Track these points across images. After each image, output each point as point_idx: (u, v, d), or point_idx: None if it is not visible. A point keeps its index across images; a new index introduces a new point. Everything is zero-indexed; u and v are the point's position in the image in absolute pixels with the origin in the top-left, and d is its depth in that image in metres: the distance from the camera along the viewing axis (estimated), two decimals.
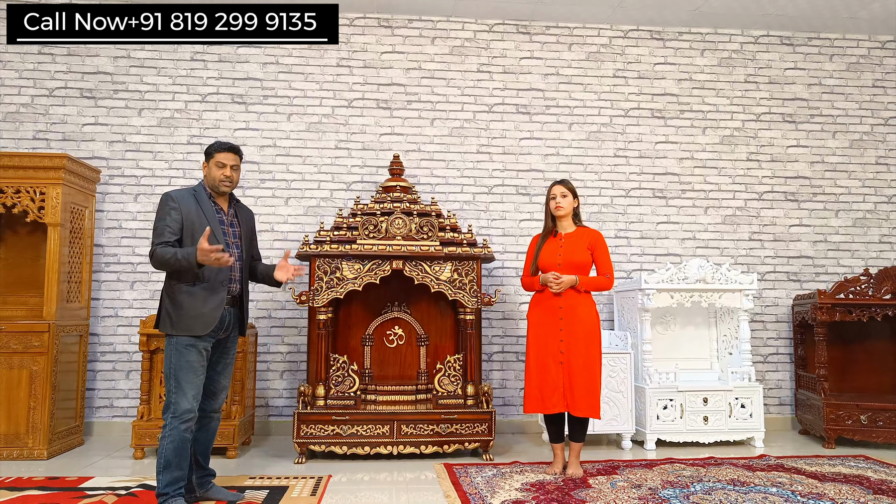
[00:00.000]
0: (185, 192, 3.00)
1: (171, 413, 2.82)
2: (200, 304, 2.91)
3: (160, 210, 2.94)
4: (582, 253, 3.63)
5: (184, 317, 2.89)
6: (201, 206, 2.98)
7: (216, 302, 2.95)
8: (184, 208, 2.94)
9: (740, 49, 5.32)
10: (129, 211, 4.79)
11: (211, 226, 2.95)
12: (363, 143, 4.99)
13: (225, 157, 3.04)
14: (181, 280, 2.92)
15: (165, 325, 2.92)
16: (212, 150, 3.06)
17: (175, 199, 2.94)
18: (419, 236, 4.09)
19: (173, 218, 2.92)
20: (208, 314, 2.92)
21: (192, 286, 2.92)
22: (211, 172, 3.04)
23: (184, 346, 2.88)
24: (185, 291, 2.91)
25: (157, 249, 2.87)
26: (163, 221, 2.91)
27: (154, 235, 2.93)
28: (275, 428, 4.72)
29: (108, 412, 4.65)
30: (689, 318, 4.86)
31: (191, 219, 2.93)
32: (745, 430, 4.39)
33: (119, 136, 4.84)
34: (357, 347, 4.44)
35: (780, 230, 5.21)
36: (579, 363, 3.52)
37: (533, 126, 5.12)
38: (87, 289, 4.46)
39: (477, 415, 4.01)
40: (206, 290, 2.93)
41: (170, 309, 2.92)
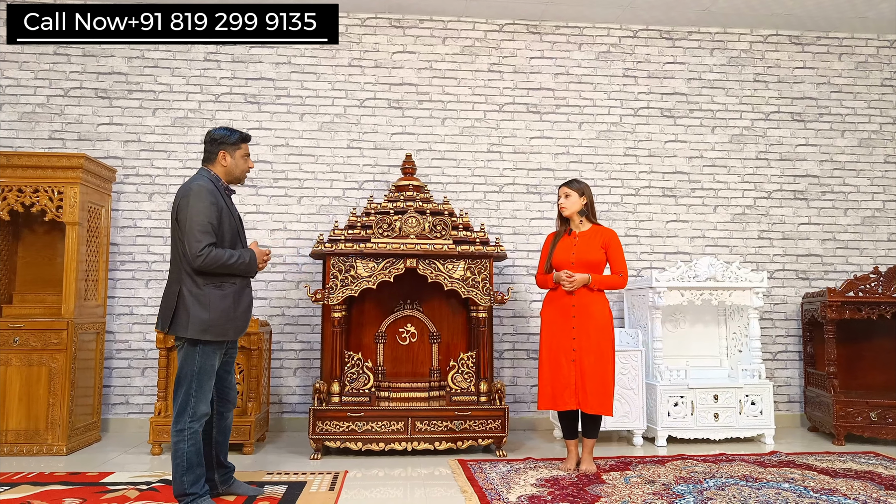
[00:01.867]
0: (211, 185, 2.86)
1: (190, 417, 2.76)
2: (233, 307, 2.83)
3: (199, 203, 2.75)
4: (595, 251, 3.67)
5: (218, 321, 2.78)
6: (225, 202, 2.91)
7: (246, 304, 2.93)
8: (218, 204, 2.83)
9: (749, 48, 5.35)
10: (144, 210, 4.84)
11: (236, 221, 2.93)
12: (375, 143, 5.04)
13: (248, 148, 3.00)
14: (211, 282, 2.78)
15: (193, 329, 2.74)
16: (236, 138, 2.93)
17: (211, 194, 2.80)
18: (432, 235, 4.13)
19: (214, 214, 2.78)
20: (240, 317, 2.89)
21: (221, 288, 2.81)
22: (238, 165, 2.95)
23: (211, 350, 2.82)
24: (216, 294, 2.78)
25: (213, 250, 2.72)
26: (206, 216, 2.74)
27: (198, 230, 2.72)
28: (288, 424, 4.77)
29: (123, 409, 4.71)
30: (699, 316, 4.89)
31: (222, 217, 2.84)
32: (755, 427, 4.42)
33: (134, 136, 4.89)
34: (370, 345, 4.49)
35: (788, 228, 5.24)
36: (591, 361, 3.56)
37: (543, 125, 5.16)
38: (104, 287, 4.51)
39: (490, 411, 4.05)
40: (236, 293, 2.86)
41: (198, 313, 2.75)
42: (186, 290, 2.79)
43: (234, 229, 2.94)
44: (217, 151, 2.95)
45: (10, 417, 3.94)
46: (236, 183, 3.04)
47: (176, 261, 2.84)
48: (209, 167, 2.97)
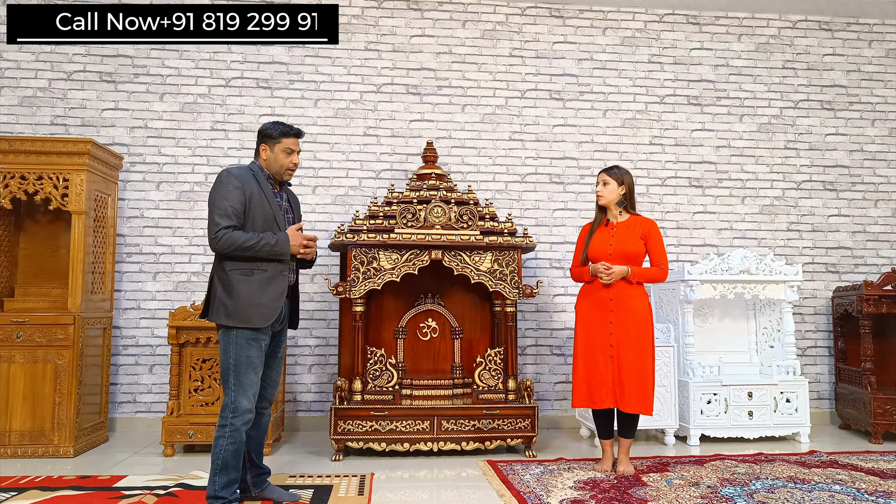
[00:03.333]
0: (244, 171, 2.77)
1: (231, 412, 2.63)
2: (258, 293, 2.71)
3: (222, 187, 2.67)
4: (635, 243, 3.49)
5: (241, 307, 2.67)
6: (262, 188, 2.78)
7: (276, 292, 2.76)
8: (247, 188, 2.72)
9: (778, 34, 5.18)
10: (152, 199, 4.62)
11: (273, 210, 2.79)
12: (392, 130, 4.83)
13: (293, 143, 2.85)
14: (237, 267, 2.70)
15: (219, 314, 2.68)
16: (277, 132, 2.82)
17: (238, 177, 2.71)
18: (458, 225, 3.94)
19: (237, 198, 2.68)
20: (267, 304, 2.73)
21: (250, 274, 2.71)
22: (277, 159, 2.83)
23: (245, 340, 2.68)
24: (241, 280, 2.69)
25: (229, 233, 2.62)
26: (227, 201, 2.65)
27: (216, 214, 2.64)
28: (304, 423, 4.57)
29: (131, 408, 4.50)
30: (728, 310, 4.73)
31: (253, 202, 2.72)
32: (790, 426, 4.27)
33: (140, 122, 4.67)
34: (390, 340, 4.30)
35: (818, 220, 5.09)
36: (630, 357, 3.39)
37: (566, 113, 4.97)
38: (111, 280, 4.30)
39: (519, 410, 3.88)
40: (265, 280, 2.73)
41: (224, 298, 2.68)
42: (217, 276, 2.76)
43: (270, 217, 2.79)
44: (259, 143, 2.89)
45: (15, 417, 3.73)
46: (277, 178, 2.89)
47: None
48: (256, 158, 2.91)
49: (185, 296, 4.58)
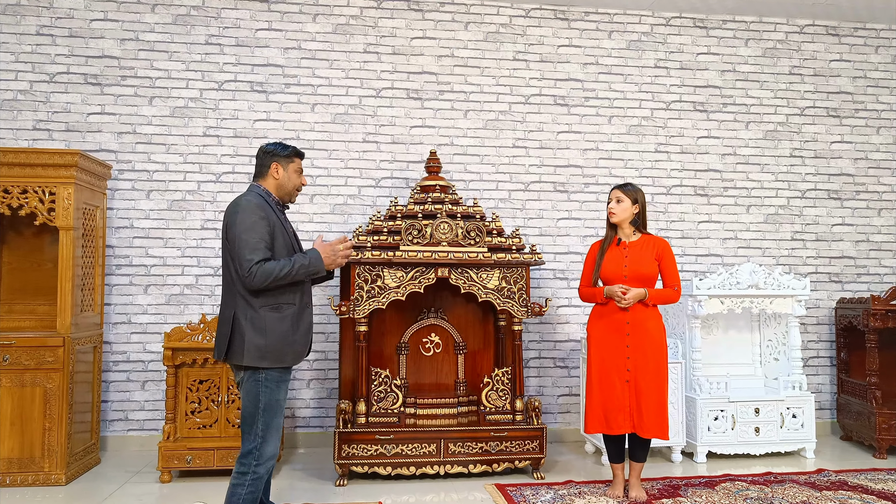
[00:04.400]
0: (261, 200, 2.66)
1: (255, 460, 2.51)
2: (291, 330, 2.61)
3: (247, 219, 2.55)
4: (649, 264, 3.40)
5: (275, 345, 2.55)
6: (277, 216, 2.69)
7: (306, 326, 2.68)
8: (269, 218, 2.62)
9: (785, 39, 5.08)
10: (141, 209, 4.43)
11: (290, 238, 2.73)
12: (392, 137, 4.67)
13: (301, 163, 2.81)
14: (267, 303, 2.56)
15: (250, 356, 2.51)
16: (290, 151, 2.75)
17: (262, 207, 2.61)
18: (466, 242, 3.82)
19: (265, 229, 2.57)
20: (300, 340, 2.65)
21: (280, 310, 2.59)
22: (291, 179, 2.75)
23: (275, 382, 2.57)
24: (273, 317, 2.57)
25: (264, 265, 2.50)
26: (256, 233, 2.54)
27: (246, 249, 2.51)
28: (303, 440, 4.45)
29: (122, 426, 4.34)
30: (732, 322, 4.68)
31: (275, 232, 2.63)
32: (796, 441, 4.24)
33: (128, 127, 4.45)
34: (391, 356, 4.18)
35: (822, 230, 5.04)
36: (647, 381, 3.32)
37: (571, 119, 4.84)
38: (101, 295, 4.11)
39: (527, 431, 3.79)
40: (295, 315, 2.63)
41: (255, 337, 2.53)
42: (241, 314, 2.57)
43: (289, 245, 2.71)
44: (269, 163, 2.74)
45: (2, 444, 3.56)
46: (287, 199, 2.81)
47: (228, 284, 2.63)
48: (259, 182, 2.77)
49: (178, 309, 4.41)
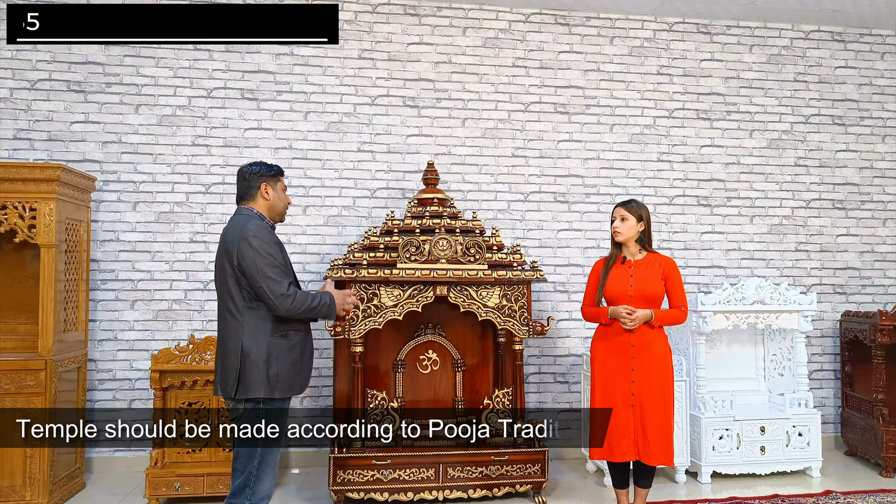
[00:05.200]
0: (265, 224, 2.57)
1: (248, 499, 2.40)
2: (300, 357, 2.53)
3: (265, 244, 2.44)
4: (655, 284, 3.28)
5: (286, 375, 2.45)
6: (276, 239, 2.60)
7: (310, 352, 2.60)
8: (279, 242, 2.55)
9: (790, 45, 4.97)
10: (128, 221, 4.26)
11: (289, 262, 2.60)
12: (388, 146, 4.52)
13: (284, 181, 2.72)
14: (278, 331, 2.45)
15: (257, 387, 2.40)
16: (276, 172, 2.64)
17: (271, 233, 2.55)
18: (465, 259, 3.68)
19: (280, 252, 2.51)
20: (307, 368, 2.58)
21: (287, 338, 2.48)
22: (281, 198, 2.64)
23: (274, 417, 2.45)
24: (284, 345, 2.46)
25: (298, 293, 2.43)
26: (276, 258, 2.45)
27: (275, 273, 2.42)
28: (296, 460, 4.32)
29: (109, 446, 4.19)
30: (735, 336, 4.57)
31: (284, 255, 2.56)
32: (802, 461, 4.15)
33: (114, 136, 4.28)
34: (388, 373, 4.05)
35: (827, 240, 4.94)
36: (653, 406, 3.20)
37: (572, 127, 4.71)
38: (85, 313, 3.96)
39: (529, 454, 3.68)
40: (301, 342, 2.54)
41: (265, 367, 2.41)
42: (251, 343, 2.43)
43: (291, 271, 2.61)
44: (258, 184, 2.60)
45: None
46: (278, 220, 2.68)
47: (230, 313, 2.47)
48: (249, 204, 2.61)
49: (166, 325, 4.26)
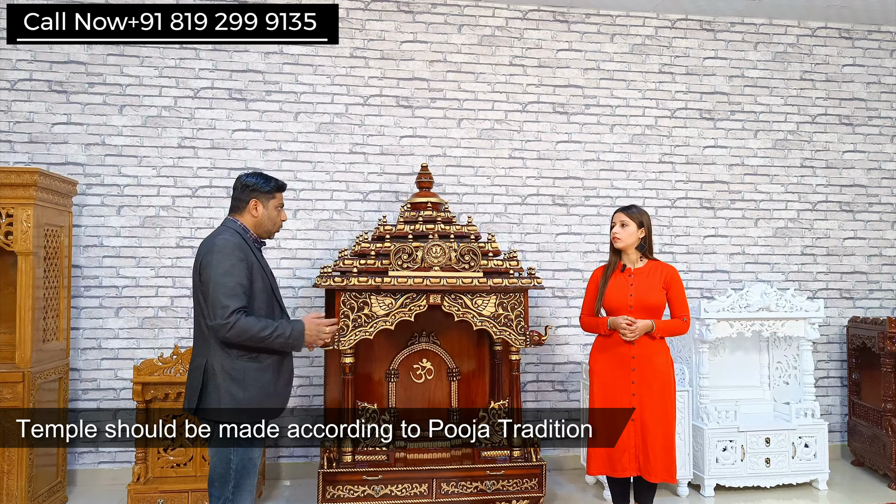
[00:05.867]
0: (239, 239, 2.41)
1: None
2: (273, 379, 2.38)
3: (224, 260, 2.31)
4: (656, 293, 3.14)
5: (255, 399, 2.32)
6: (256, 256, 2.44)
7: (288, 375, 2.45)
8: (248, 260, 2.38)
9: (796, 42, 4.81)
10: (112, 226, 4.13)
11: (270, 281, 2.46)
12: (381, 147, 4.38)
13: (283, 198, 2.57)
14: (245, 353, 2.33)
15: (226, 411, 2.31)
16: (272, 186, 2.50)
17: (240, 248, 2.37)
18: (460, 266, 3.55)
19: (242, 272, 2.33)
20: (282, 391, 2.42)
21: (258, 360, 2.35)
22: (271, 215, 2.51)
23: (249, 439, 2.33)
24: (252, 367, 2.34)
25: (241, 319, 2.25)
26: (233, 277, 2.30)
27: (223, 294, 2.27)
28: (287, 471, 4.20)
29: (93, 458, 4.07)
30: (739, 343, 4.43)
31: (254, 275, 2.39)
32: (808, 473, 4.03)
33: (97, 138, 4.14)
34: (380, 383, 3.92)
35: (833, 244, 4.80)
36: (655, 421, 3.07)
37: (571, 127, 4.57)
38: (66, 321, 3.83)
39: (526, 469, 3.55)
40: (276, 364, 2.40)
41: (232, 389, 2.31)
42: (216, 363, 2.33)
43: (269, 289, 2.46)
44: (248, 199, 2.49)
45: None
46: (266, 237, 2.56)
47: (200, 329, 2.38)
48: (236, 217, 2.51)
49: (152, 333, 4.13)
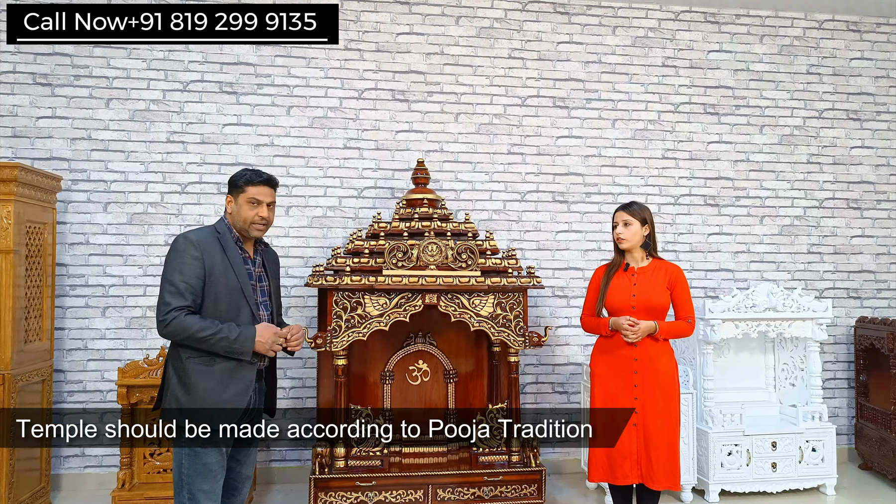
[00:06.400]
0: (207, 236, 2.31)
1: None
2: (220, 387, 2.24)
3: (176, 258, 2.24)
4: (660, 294, 3.02)
5: (198, 404, 2.21)
6: (228, 255, 2.30)
7: (241, 387, 2.28)
8: (207, 258, 2.25)
9: (802, 35, 4.69)
10: (98, 223, 4.01)
11: (241, 281, 2.30)
12: (377, 142, 4.26)
13: (260, 192, 2.34)
14: (195, 355, 2.24)
15: (171, 413, 2.24)
16: (242, 181, 2.35)
17: (197, 246, 2.25)
18: (456, 265, 3.43)
19: (194, 272, 2.22)
20: (231, 401, 2.26)
21: (210, 364, 2.24)
22: (241, 212, 2.34)
23: (202, 444, 2.22)
24: (200, 371, 2.24)
25: (179, 318, 2.18)
26: (181, 275, 2.21)
27: (167, 292, 2.21)
28: (279, 475, 4.08)
29: (79, 462, 3.95)
30: (744, 344, 4.32)
31: (216, 274, 2.26)
32: (815, 478, 3.91)
33: (83, 133, 4.02)
34: (375, 385, 3.81)
35: (840, 242, 4.68)
36: (658, 426, 2.95)
37: (572, 122, 4.45)
38: (50, 322, 3.70)
39: (525, 474, 3.43)
40: (228, 371, 2.25)
41: (178, 392, 2.25)
42: (171, 364, 2.30)
43: (237, 291, 2.31)
44: (227, 194, 2.41)
45: None
46: (245, 236, 2.40)
47: None
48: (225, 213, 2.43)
49: (140, 333, 4.01)
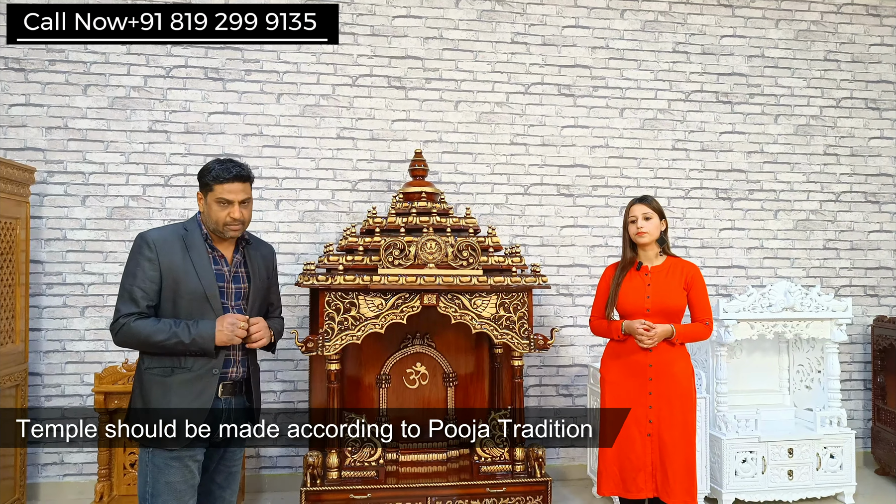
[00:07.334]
0: (168, 234, 2.11)
1: None
2: (176, 400, 2.06)
3: (130, 260, 2.09)
4: (677, 295, 2.82)
5: (154, 419, 2.05)
6: (191, 254, 2.09)
7: (203, 399, 2.08)
8: (164, 259, 2.06)
9: (820, 20, 4.46)
10: (76, 217, 3.78)
11: (204, 285, 2.08)
12: (371, 132, 4.03)
13: (230, 191, 2.09)
14: (154, 364, 2.08)
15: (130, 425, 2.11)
16: (209, 178, 2.10)
17: (152, 246, 2.06)
18: (457, 263, 3.21)
19: (147, 274, 2.05)
20: (191, 418, 2.06)
21: (168, 374, 2.07)
22: (211, 213, 2.11)
23: (163, 459, 2.05)
24: (156, 382, 2.08)
25: (127, 325, 2.02)
26: (133, 279, 2.05)
27: (119, 299, 2.07)
28: (269, 483, 3.88)
29: (58, 470, 3.74)
30: (757, 345, 4.12)
31: (173, 276, 2.06)
32: (833, 486, 3.72)
33: (59, 121, 3.78)
34: (370, 389, 3.60)
35: (858, 237, 4.47)
36: (674, 436, 2.75)
37: (578, 111, 4.22)
38: (25, 322, 3.48)
39: (529, 485, 3.23)
40: (186, 383, 2.07)
41: (135, 404, 2.12)
42: (137, 372, 2.16)
43: (199, 295, 2.09)
44: (198, 191, 2.19)
45: None
46: (221, 237, 2.17)
47: None
48: None
49: None
